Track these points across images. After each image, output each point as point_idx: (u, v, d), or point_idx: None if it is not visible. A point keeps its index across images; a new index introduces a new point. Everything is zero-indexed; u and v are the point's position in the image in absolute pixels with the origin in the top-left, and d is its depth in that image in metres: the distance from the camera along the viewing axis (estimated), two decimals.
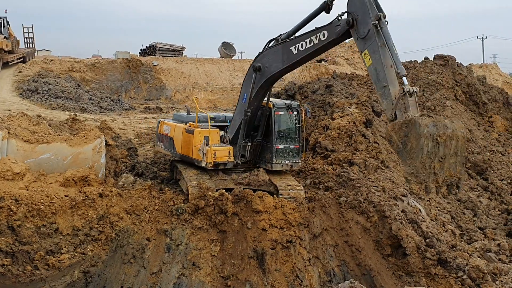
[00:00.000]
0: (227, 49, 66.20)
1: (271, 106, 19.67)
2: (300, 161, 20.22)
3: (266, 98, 19.67)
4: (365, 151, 23.37)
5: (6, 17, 52.07)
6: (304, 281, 17.12)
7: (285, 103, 20.20)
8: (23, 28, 59.03)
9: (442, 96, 34.73)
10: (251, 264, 17.31)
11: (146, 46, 66.84)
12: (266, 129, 19.74)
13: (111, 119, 34.22)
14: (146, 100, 52.05)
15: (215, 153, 19.36)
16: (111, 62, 55.24)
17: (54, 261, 16.39)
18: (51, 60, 53.19)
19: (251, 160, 20.07)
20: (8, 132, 20.99)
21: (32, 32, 60.24)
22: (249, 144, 19.69)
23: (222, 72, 58.73)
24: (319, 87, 32.47)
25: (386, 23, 15.16)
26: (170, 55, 64.83)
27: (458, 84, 37.50)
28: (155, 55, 62.53)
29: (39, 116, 24.70)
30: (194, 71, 57.52)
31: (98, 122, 29.22)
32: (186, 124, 20.22)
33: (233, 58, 66.24)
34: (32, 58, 54.22)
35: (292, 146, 19.80)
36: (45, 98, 39.34)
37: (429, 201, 22.36)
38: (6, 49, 48.94)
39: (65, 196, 18.43)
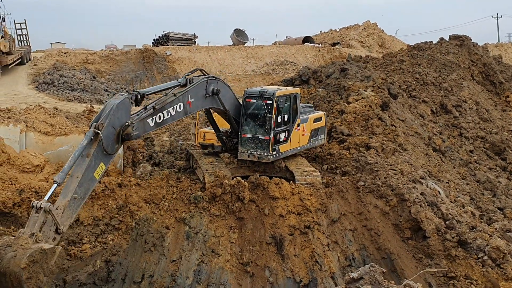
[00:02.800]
0: (239, 36, 66.03)
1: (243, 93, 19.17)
2: (270, 154, 18.61)
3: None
4: (382, 134, 23.25)
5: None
6: (324, 266, 17.13)
7: (259, 91, 18.96)
8: (15, 24, 53.76)
9: (458, 76, 34.43)
10: (270, 250, 17.35)
11: (159, 36, 66.89)
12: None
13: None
14: None
15: (204, 134, 20.03)
16: (125, 53, 55.44)
17: (76, 251, 16.55)
18: (66, 53, 53.47)
19: (230, 147, 19.66)
20: (26, 125, 21.21)
21: (26, 28, 54.78)
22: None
23: (235, 60, 58.64)
24: (334, 71, 32.30)
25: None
26: (182, 44, 64.82)
27: (475, 64, 37.15)
28: (168, 45, 62.57)
29: (56, 109, 24.93)
30: (207, 60, 57.51)
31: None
32: None
33: (245, 45, 66.04)
34: (30, 59, 49.44)
35: (261, 137, 18.76)
36: (61, 90, 39.65)
37: (448, 182, 22.24)
38: (4, 51, 43.28)
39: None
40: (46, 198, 12.53)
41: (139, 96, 14.91)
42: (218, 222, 17.55)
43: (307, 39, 68.58)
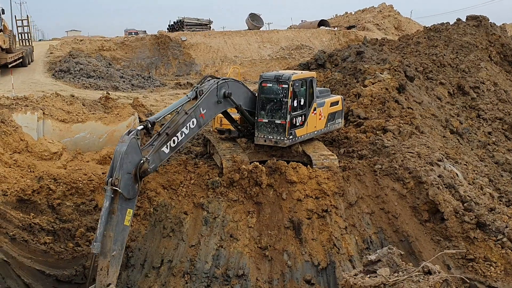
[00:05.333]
0: (254, 20, 65.83)
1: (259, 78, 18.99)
2: (286, 139, 18.59)
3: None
4: (399, 117, 23.10)
5: None
6: (342, 249, 17.16)
7: (275, 75, 18.83)
8: (16, 21, 49.26)
9: (476, 57, 33.99)
10: (288, 234, 17.40)
11: (174, 22, 66.95)
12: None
13: (143, 96, 34.57)
14: (176, 76, 52.32)
15: (220, 120, 19.90)
16: (140, 40, 55.56)
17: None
18: (81, 40, 53.76)
19: (246, 134, 19.62)
20: (44, 113, 21.40)
21: (28, 26, 50.02)
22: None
23: (251, 44, 58.51)
24: (350, 54, 32.10)
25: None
26: (197, 29, 64.83)
27: (492, 45, 36.65)
28: (183, 30, 62.59)
29: (73, 96, 25.08)
30: (222, 45, 57.46)
31: (131, 99, 29.53)
32: None
33: (261, 29, 65.84)
34: (32, 60, 45.51)
35: (277, 121, 18.68)
36: (77, 78, 39.88)
37: (466, 164, 22.07)
38: (4, 47, 38.85)
39: (103, 173, 18.75)
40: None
41: (149, 125, 14.42)
42: (236, 207, 17.62)
43: (322, 23, 68.21)
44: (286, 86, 18.32)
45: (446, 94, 29.69)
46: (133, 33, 78.97)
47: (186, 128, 15.39)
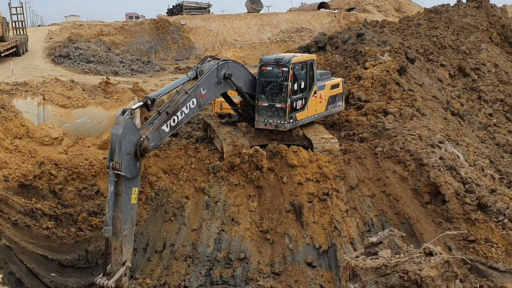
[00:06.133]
0: (254, 3, 65.48)
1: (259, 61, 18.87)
2: (286, 122, 18.49)
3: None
4: (400, 100, 23.04)
5: None
6: (343, 232, 17.21)
7: (275, 59, 18.71)
8: (10, 8, 46.86)
9: (476, 39, 33.88)
10: (289, 217, 17.43)
11: (173, 6, 66.63)
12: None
13: (143, 81, 34.51)
14: (176, 60, 52.16)
15: (221, 104, 19.85)
16: (139, 24, 55.32)
17: (97, 222, 16.79)
18: (80, 25, 53.54)
19: (247, 118, 19.57)
20: (44, 98, 21.39)
21: (23, 14, 47.61)
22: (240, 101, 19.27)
23: (250, 28, 58.26)
24: (350, 37, 31.96)
25: None
26: (197, 13, 64.52)
27: (493, 26, 36.53)
28: (182, 14, 62.29)
29: (73, 81, 25.05)
30: (222, 28, 57.21)
31: (131, 84, 29.45)
32: None
33: (260, 12, 65.51)
34: (27, 50, 43.53)
35: (277, 105, 18.60)
36: (77, 63, 39.79)
37: (467, 146, 22.06)
38: None
39: (104, 158, 18.76)
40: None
41: (149, 102, 14.45)
42: (237, 191, 17.64)
43: (322, 5, 67.86)
44: (286, 69, 18.24)
45: (447, 76, 29.61)
46: (134, 17, 78.45)
47: (186, 108, 15.38)
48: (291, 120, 18.63)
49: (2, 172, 17.05)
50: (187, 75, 16.21)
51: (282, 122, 18.52)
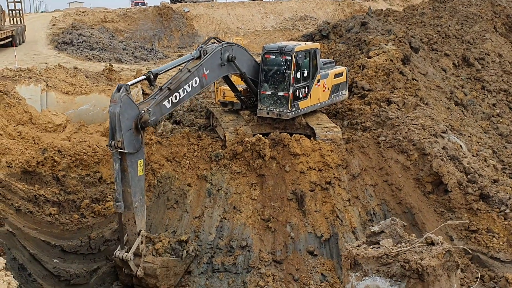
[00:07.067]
0: None
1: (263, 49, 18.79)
2: (289, 111, 18.48)
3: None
4: (403, 89, 22.97)
5: None
6: (344, 221, 17.23)
7: (278, 47, 18.63)
8: None
9: (481, 28, 33.72)
10: (291, 206, 17.46)
11: None
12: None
13: (146, 69, 34.41)
14: (179, 48, 52.05)
15: (223, 92, 19.88)
16: (142, 11, 55.16)
17: (99, 208, 16.84)
18: (84, 12, 53.43)
19: (249, 105, 19.53)
20: (47, 85, 21.39)
21: (20, 1, 45.58)
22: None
23: (254, 16, 58.06)
24: (354, 25, 31.79)
25: None
26: (200, 0, 64.25)
27: (497, 16, 36.33)
28: (186, 2, 62.06)
29: (76, 68, 25.05)
30: (226, 16, 57.04)
31: (134, 72, 29.46)
32: None
33: (264, 0, 65.22)
34: (24, 41, 41.52)
35: (280, 93, 18.57)
36: (80, 50, 39.75)
37: (470, 136, 22.03)
38: None
39: (107, 145, 18.77)
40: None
41: (151, 77, 14.71)
42: (239, 179, 17.66)
43: None
44: (289, 57, 18.19)
45: (451, 65, 29.50)
46: (139, 3, 77.90)
47: (189, 86, 15.50)
48: (294, 109, 18.60)
49: (5, 158, 17.07)
50: (190, 53, 16.36)
51: (285, 110, 18.48)
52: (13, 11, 44.75)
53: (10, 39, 38.17)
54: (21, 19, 44.98)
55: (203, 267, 16.44)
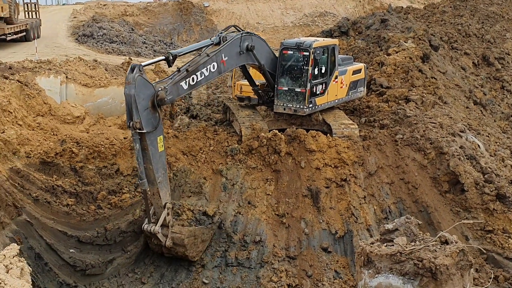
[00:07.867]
0: None
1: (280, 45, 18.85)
2: (305, 107, 18.48)
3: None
4: (422, 87, 22.84)
5: None
6: (360, 218, 17.19)
7: (296, 42, 18.58)
8: None
9: (502, 28, 33.39)
10: (306, 202, 17.46)
11: None
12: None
13: (164, 63, 34.51)
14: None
15: (241, 87, 19.91)
16: (162, 5, 55.32)
17: (116, 200, 16.98)
18: (105, 5, 53.68)
19: (266, 100, 19.58)
20: (67, 77, 21.57)
21: None
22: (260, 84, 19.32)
23: (273, 11, 57.93)
24: (374, 22, 31.65)
25: None
26: None
27: None
28: None
29: (96, 61, 25.20)
30: (245, 11, 56.98)
31: (153, 66, 29.53)
32: None
33: None
34: (39, 36, 38.98)
35: (297, 89, 18.55)
36: (100, 43, 39.95)
37: (488, 136, 21.83)
38: (2, 15, 33.03)
39: (124, 138, 18.93)
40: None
41: (171, 57, 14.99)
42: (255, 174, 17.70)
43: None
44: (307, 53, 18.16)
45: (471, 64, 29.25)
46: None
47: (206, 70, 15.67)
48: (310, 105, 18.58)
49: (24, 148, 17.27)
50: (210, 39, 16.52)
51: (301, 106, 18.47)
52: (28, 5, 42.61)
53: (24, 33, 36.49)
54: (37, 13, 42.49)
55: (216, 260, 16.53)
